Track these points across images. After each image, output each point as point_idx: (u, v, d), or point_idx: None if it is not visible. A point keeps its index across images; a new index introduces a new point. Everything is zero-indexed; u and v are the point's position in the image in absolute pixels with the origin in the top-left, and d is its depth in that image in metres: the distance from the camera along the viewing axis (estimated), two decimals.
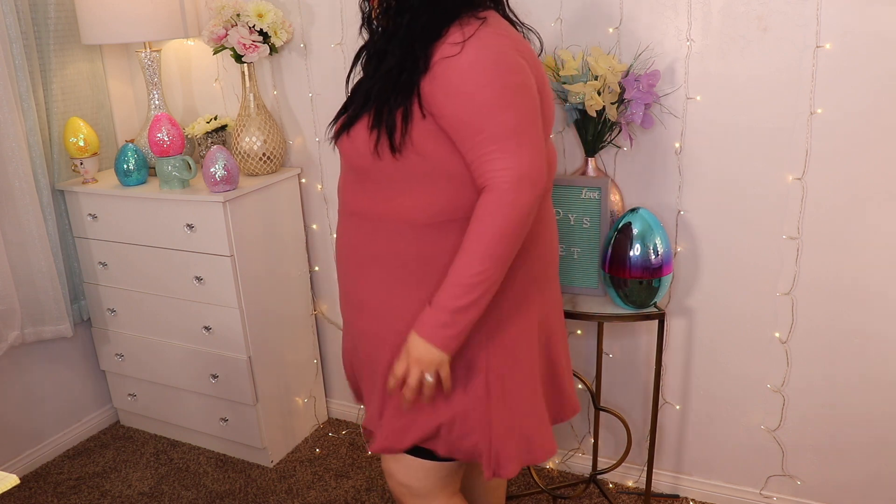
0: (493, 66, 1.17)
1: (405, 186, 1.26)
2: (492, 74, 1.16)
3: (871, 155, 1.63)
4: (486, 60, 1.17)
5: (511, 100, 1.17)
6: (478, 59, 1.16)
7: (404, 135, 1.21)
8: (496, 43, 1.18)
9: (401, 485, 1.45)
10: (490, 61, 1.17)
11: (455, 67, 1.16)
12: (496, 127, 1.16)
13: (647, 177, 1.86)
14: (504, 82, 1.17)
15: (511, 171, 1.16)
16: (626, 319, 1.77)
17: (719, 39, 1.69)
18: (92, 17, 2.06)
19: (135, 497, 2.23)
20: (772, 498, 2.00)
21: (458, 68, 1.16)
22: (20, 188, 2.13)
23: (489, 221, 1.16)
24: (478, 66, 1.16)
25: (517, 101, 1.18)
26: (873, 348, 1.76)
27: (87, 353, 2.53)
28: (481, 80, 1.16)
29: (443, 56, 1.17)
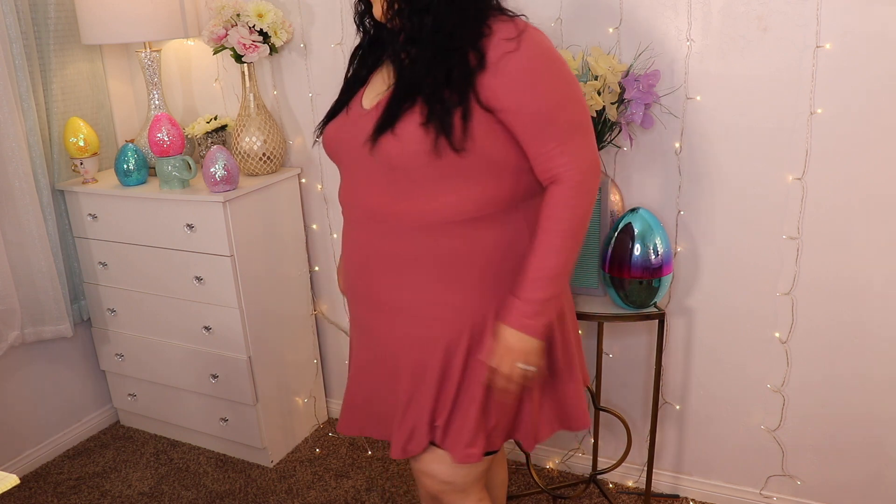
0: (552, 60, 1.22)
1: (448, 184, 1.25)
2: (554, 68, 1.22)
3: (871, 155, 1.63)
4: (545, 55, 1.22)
5: (574, 93, 1.24)
6: (538, 54, 1.21)
7: (465, 132, 1.21)
8: (545, 38, 1.24)
9: (444, 483, 1.43)
10: (549, 56, 1.22)
11: (518, 62, 1.19)
12: (565, 120, 1.22)
13: (647, 177, 1.86)
14: (565, 76, 1.23)
15: (582, 162, 1.23)
16: (626, 319, 1.77)
17: (719, 39, 1.69)
18: (92, 17, 2.06)
19: (135, 497, 2.23)
20: (772, 498, 2.00)
21: (521, 63, 1.19)
22: (20, 188, 2.13)
23: (567, 214, 1.23)
24: (540, 60, 1.21)
25: (578, 93, 1.25)
26: (873, 348, 1.76)
27: (87, 353, 2.53)
28: (546, 74, 1.21)
29: (503, 52, 1.19)
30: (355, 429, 1.51)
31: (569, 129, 1.23)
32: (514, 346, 1.27)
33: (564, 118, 1.22)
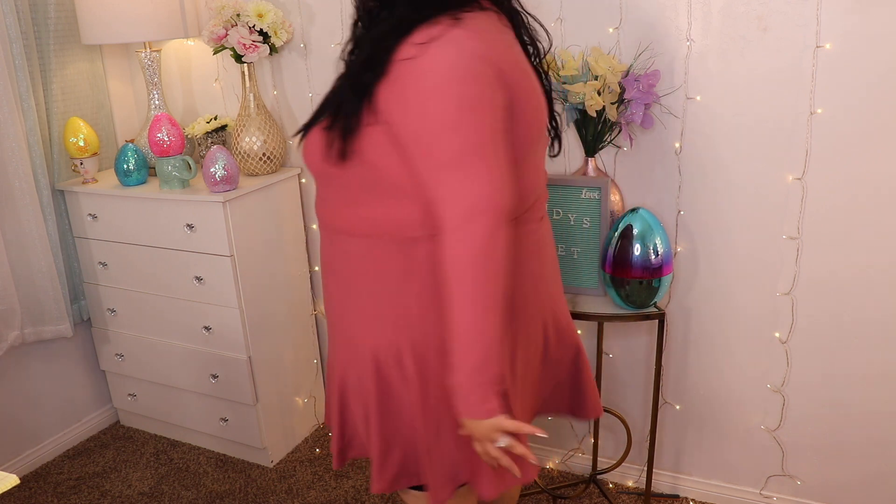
0: (448, 72, 1.03)
1: (351, 196, 1.18)
2: (446, 84, 1.03)
3: (871, 155, 1.63)
4: (443, 67, 1.04)
5: (462, 117, 1.04)
6: (435, 66, 1.04)
7: (347, 142, 1.12)
8: (460, 47, 1.05)
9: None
10: (447, 67, 1.03)
11: (411, 72, 1.05)
12: (443, 150, 1.04)
13: (647, 177, 1.86)
14: (459, 94, 1.03)
15: (459, 202, 1.03)
16: (626, 319, 1.77)
17: (719, 39, 1.69)
18: (92, 17, 2.06)
19: (135, 497, 2.23)
20: (772, 498, 2.00)
21: (414, 73, 1.05)
22: (20, 188, 2.13)
23: (455, 270, 1.05)
24: (433, 73, 1.04)
25: (469, 118, 1.04)
26: (873, 348, 1.76)
27: (87, 353, 2.53)
28: (435, 90, 1.03)
29: (400, 58, 1.06)
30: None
31: (447, 164, 1.04)
32: (477, 434, 1.11)
33: (442, 149, 1.04)
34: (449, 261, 1.05)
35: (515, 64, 1.13)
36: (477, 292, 1.04)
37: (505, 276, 1.07)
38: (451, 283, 1.05)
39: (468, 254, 1.03)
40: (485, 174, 1.04)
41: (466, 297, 1.04)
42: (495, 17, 1.15)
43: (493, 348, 1.07)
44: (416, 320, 1.20)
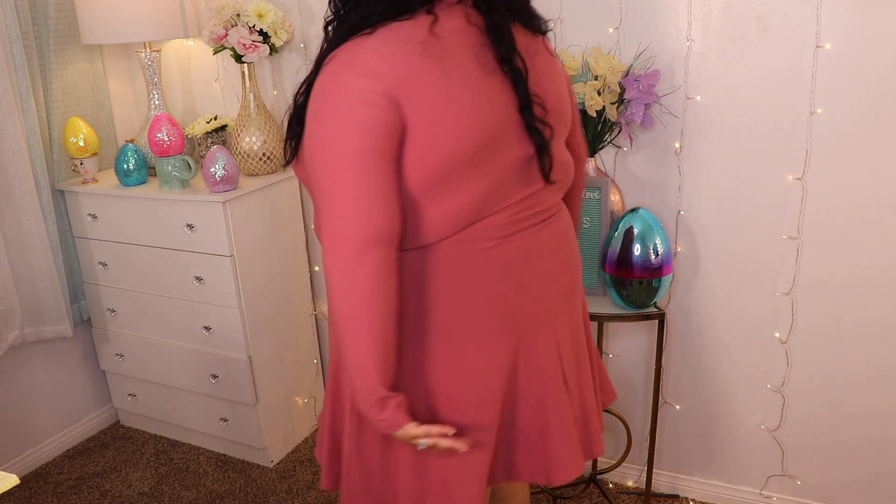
0: (324, 92, 1.05)
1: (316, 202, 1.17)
2: (321, 105, 1.05)
3: (871, 155, 1.63)
4: (322, 87, 1.05)
5: (325, 141, 1.05)
6: (318, 86, 1.06)
7: (290, 149, 1.16)
8: (346, 65, 1.03)
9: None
10: (324, 88, 1.05)
11: (316, 88, 1.07)
12: (314, 177, 1.07)
13: (647, 177, 1.86)
14: (328, 115, 1.04)
15: (323, 236, 1.07)
16: (626, 319, 1.77)
17: (719, 39, 1.69)
18: (92, 17, 2.06)
19: (135, 497, 2.23)
20: (772, 498, 2.00)
21: (312, 93, 1.07)
22: (20, 188, 2.13)
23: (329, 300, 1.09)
24: (316, 94, 1.06)
25: (333, 140, 1.04)
26: (873, 348, 1.76)
27: (87, 353, 2.53)
28: (313, 112, 1.07)
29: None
30: None
31: (318, 187, 1.06)
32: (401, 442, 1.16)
33: (315, 173, 1.07)
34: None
35: (423, 79, 1.04)
36: (344, 321, 1.06)
37: (377, 302, 1.05)
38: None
39: (331, 284, 1.06)
40: (343, 203, 1.03)
41: (340, 327, 1.07)
42: (425, 25, 1.05)
43: (371, 371, 1.07)
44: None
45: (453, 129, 1.05)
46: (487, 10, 1.09)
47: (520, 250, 1.18)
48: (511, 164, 1.13)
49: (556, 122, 1.18)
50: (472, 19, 1.08)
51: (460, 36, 1.07)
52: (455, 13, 1.07)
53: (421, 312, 1.16)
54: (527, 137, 1.13)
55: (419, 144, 1.05)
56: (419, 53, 1.03)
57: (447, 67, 1.04)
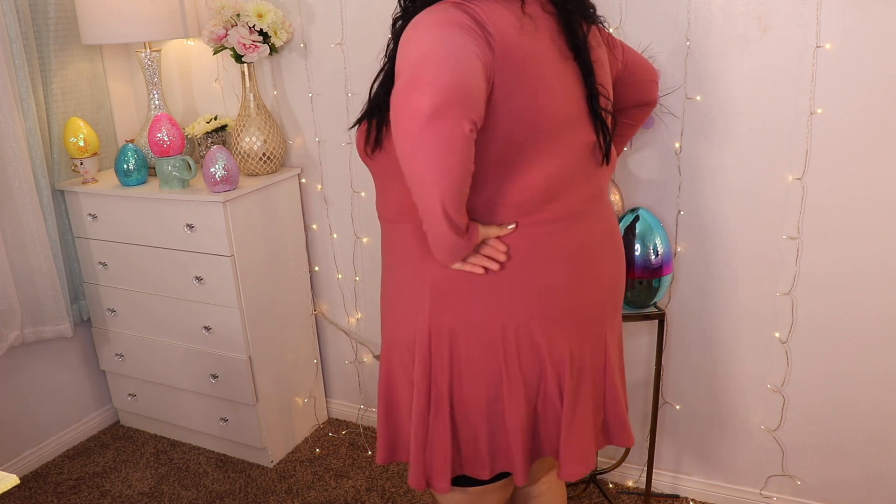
0: (428, 20, 1.07)
1: (381, 182, 1.30)
2: (424, 29, 1.06)
3: (871, 155, 1.63)
4: (425, 18, 1.07)
5: (424, 36, 1.05)
6: (422, 15, 1.08)
7: (381, 130, 1.22)
8: (450, 5, 1.08)
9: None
10: (429, 18, 1.07)
11: (406, 29, 1.09)
12: (401, 62, 1.06)
13: (647, 177, 1.86)
14: (433, 35, 1.04)
15: (393, 96, 1.05)
16: (626, 319, 1.77)
17: (719, 39, 1.69)
18: (92, 17, 2.06)
19: (135, 497, 2.23)
20: (772, 498, 2.00)
21: (406, 28, 1.09)
22: (20, 188, 2.13)
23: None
24: (417, 19, 1.08)
25: (427, 34, 1.05)
26: (873, 348, 1.76)
27: (87, 353, 2.53)
28: (414, 36, 1.06)
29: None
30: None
31: (401, 73, 1.06)
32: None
33: (401, 61, 1.06)
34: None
35: (519, 48, 1.09)
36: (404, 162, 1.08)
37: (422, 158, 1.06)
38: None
39: (400, 124, 1.05)
40: (427, 82, 1.02)
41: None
42: (516, 5, 1.12)
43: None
44: (430, 304, 1.24)
45: (534, 104, 1.11)
46: (561, 1, 1.16)
47: (582, 237, 1.25)
48: (580, 148, 1.20)
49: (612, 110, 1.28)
50: (546, 7, 1.15)
51: (542, 21, 1.14)
52: (516, 3, 1.13)
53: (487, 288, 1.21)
54: (590, 124, 1.21)
55: (501, 111, 1.09)
56: (518, 29, 1.09)
57: (536, 47, 1.11)
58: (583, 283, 1.26)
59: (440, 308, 1.24)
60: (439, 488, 1.32)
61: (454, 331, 1.24)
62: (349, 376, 2.53)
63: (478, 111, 1.03)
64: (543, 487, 1.55)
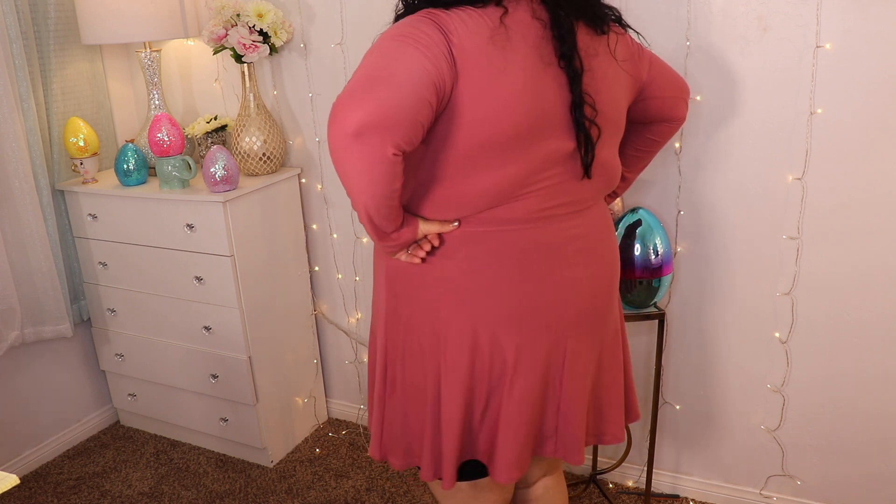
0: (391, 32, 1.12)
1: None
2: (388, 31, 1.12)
3: (871, 155, 1.63)
4: (395, 27, 1.12)
5: (371, 60, 1.10)
6: (393, 26, 1.13)
7: None
8: (422, 16, 1.11)
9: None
10: (393, 29, 1.12)
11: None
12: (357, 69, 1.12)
13: (647, 177, 1.86)
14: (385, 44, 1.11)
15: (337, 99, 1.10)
16: (627, 319, 1.76)
17: (719, 39, 1.69)
18: (92, 17, 2.06)
19: (135, 497, 2.23)
20: (772, 498, 2.00)
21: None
22: (20, 188, 2.13)
23: None
24: (387, 30, 1.13)
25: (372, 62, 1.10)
26: (873, 348, 1.76)
27: (87, 353, 2.53)
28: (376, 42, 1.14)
29: None
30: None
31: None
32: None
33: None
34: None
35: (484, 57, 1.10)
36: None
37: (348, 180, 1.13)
38: None
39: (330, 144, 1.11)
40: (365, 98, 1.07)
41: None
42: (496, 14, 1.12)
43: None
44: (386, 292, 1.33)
45: (497, 110, 1.11)
46: (553, 5, 1.15)
47: (541, 241, 1.22)
48: (550, 154, 1.18)
49: (605, 123, 1.22)
50: (537, 13, 1.15)
51: (524, 29, 1.13)
52: (522, 7, 1.14)
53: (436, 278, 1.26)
54: (570, 132, 1.18)
55: (465, 118, 1.11)
56: (487, 38, 1.10)
57: (506, 56, 1.11)
58: (538, 286, 1.24)
59: (393, 295, 1.31)
60: (395, 464, 1.39)
61: (406, 319, 1.30)
62: (349, 376, 2.53)
63: (406, 136, 1.07)
64: (540, 491, 1.55)
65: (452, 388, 1.27)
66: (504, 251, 1.21)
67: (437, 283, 1.25)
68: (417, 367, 1.30)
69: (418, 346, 1.29)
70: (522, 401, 1.27)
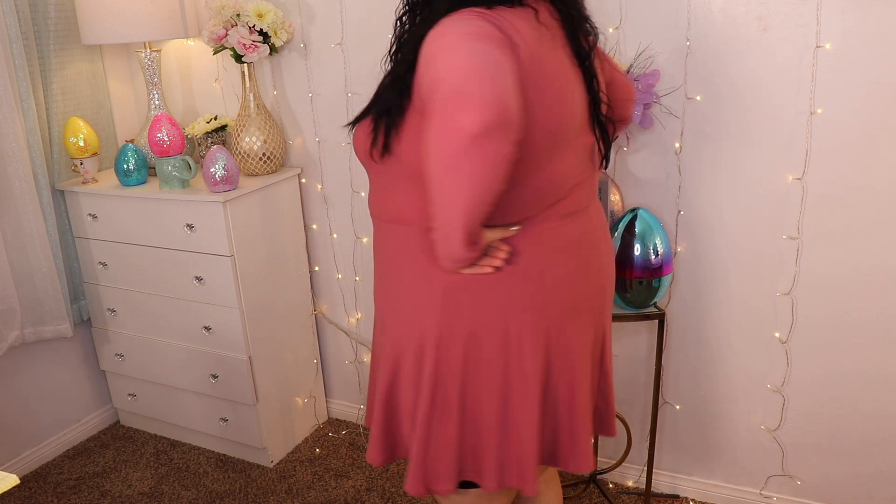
0: (459, 31, 1.05)
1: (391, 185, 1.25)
2: (451, 31, 1.06)
3: (871, 155, 1.63)
4: (455, 24, 1.06)
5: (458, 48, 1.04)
6: (449, 24, 1.06)
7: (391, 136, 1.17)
8: (476, 16, 1.07)
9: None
10: (457, 25, 1.06)
11: (429, 37, 1.08)
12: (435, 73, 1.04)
13: (647, 177, 1.86)
14: (467, 46, 1.04)
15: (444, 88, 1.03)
16: (626, 319, 1.77)
17: (719, 39, 1.69)
18: (92, 17, 2.06)
19: (135, 497, 2.23)
20: (772, 498, 2.00)
21: (431, 36, 1.07)
22: (20, 188, 2.13)
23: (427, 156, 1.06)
24: (445, 29, 1.06)
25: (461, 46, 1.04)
26: (873, 348, 1.76)
27: (87, 353, 2.53)
28: (439, 37, 1.06)
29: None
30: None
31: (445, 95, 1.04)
32: None
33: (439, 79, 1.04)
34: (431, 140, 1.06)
35: (540, 59, 1.12)
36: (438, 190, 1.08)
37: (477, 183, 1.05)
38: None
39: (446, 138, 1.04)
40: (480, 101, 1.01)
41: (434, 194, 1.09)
42: (531, 14, 1.14)
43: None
44: (441, 308, 1.24)
45: (555, 111, 1.15)
46: (566, 10, 1.18)
47: (582, 232, 1.29)
48: (584, 149, 1.26)
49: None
50: (553, 15, 1.18)
51: (553, 30, 1.17)
52: (543, 8, 1.16)
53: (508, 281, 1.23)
54: (590, 128, 1.26)
55: (532, 116, 1.11)
56: (536, 38, 1.12)
57: (552, 55, 1.15)
58: (586, 274, 1.30)
59: (452, 311, 1.23)
60: (442, 490, 1.32)
61: (469, 333, 1.24)
62: (349, 376, 2.53)
63: (518, 132, 1.04)
64: (542, 487, 1.55)
65: (529, 390, 1.26)
66: (563, 246, 1.25)
67: (505, 288, 1.22)
68: (484, 378, 1.26)
69: (486, 358, 1.25)
70: (586, 389, 1.33)
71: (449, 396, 1.27)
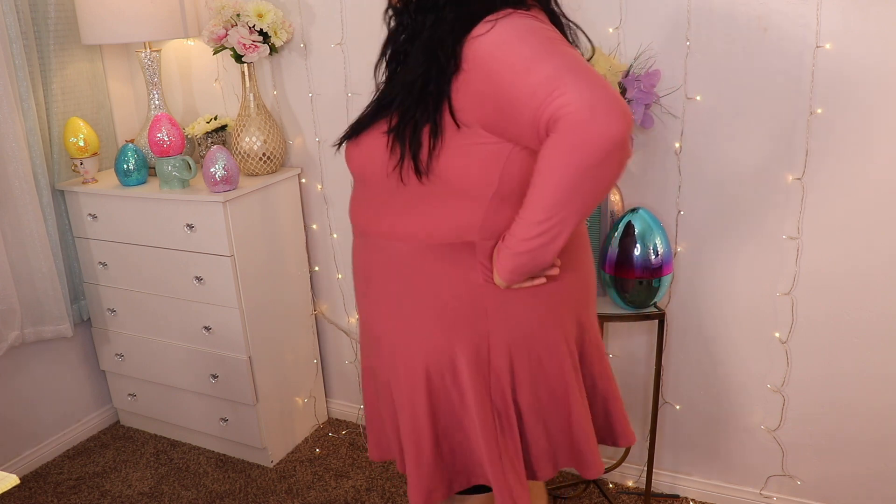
0: (526, 29, 1.03)
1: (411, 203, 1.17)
2: (527, 35, 1.03)
3: (870, 155, 1.63)
4: (519, 27, 1.03)
5: (555, 48, 1.02)
6: (510, 28, 1.03)
7: (432, 155, 1.10)
8: (529, 18, 1.06)
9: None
10: (523, 27, 1.03)
11: (485, 42, 1.03)
12: (543, 73, 0.99)
13: (647, 177, 1.86)
14: (542, 38, 1.03)
15: (578, 101, 0.97)
16: (626, 319, 1.77)
17: (719, 39, 1.69)
18: (92, 17, 2.06)
19: (135, 497, 2.23)
20: (772, 498, 2.00)
21: (489, 41, 1.03)
22: (20, 188, 2.13)
23: (555, 160, 1.00)
24: (510, 33, 1.02)
25: (562, 49, 1.02)
26: (873, 348, 1.76)
27: (87, 353, 2.53)
28: (516, 42, 1.02)
29: (471, 37, 1.04)
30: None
31: (554, 78, 0.99)
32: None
33: (542, 73, 1.00)
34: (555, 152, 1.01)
35: None
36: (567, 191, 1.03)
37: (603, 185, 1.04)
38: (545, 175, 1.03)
39: (587, 147, 1.00)
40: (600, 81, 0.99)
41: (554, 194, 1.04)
42: (544, 18, 1.15)
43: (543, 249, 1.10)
44: (471, 322, 1.21)
45: None
46: (552, 12, 1.20)
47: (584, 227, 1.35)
48: None
49: None
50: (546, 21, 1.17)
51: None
52: (542, 15, 1.15)
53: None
54: None
55: None
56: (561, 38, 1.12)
57: None
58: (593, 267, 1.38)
59: (496, 324, 1.21)
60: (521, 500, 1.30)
61: (514, 342, 1.23)
62: (349, 376, 2.53)
63: None
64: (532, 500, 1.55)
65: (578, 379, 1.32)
66: (585, 242, 1.32)
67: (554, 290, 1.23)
68: (552, 378, 1.27)
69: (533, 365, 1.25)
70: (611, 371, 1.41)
71: (509, 408, 1.26)
